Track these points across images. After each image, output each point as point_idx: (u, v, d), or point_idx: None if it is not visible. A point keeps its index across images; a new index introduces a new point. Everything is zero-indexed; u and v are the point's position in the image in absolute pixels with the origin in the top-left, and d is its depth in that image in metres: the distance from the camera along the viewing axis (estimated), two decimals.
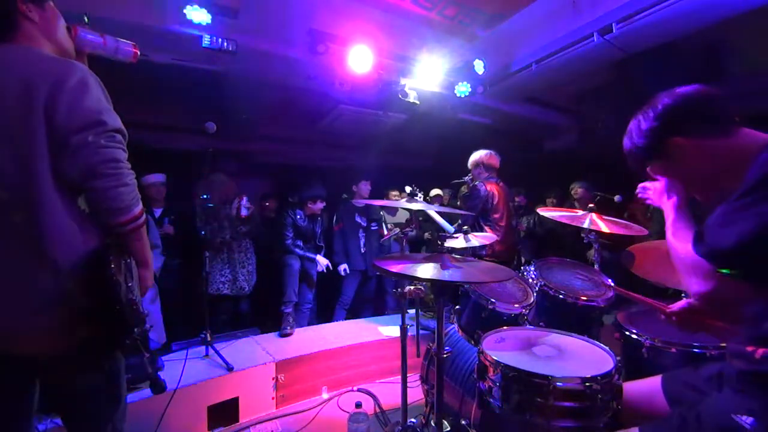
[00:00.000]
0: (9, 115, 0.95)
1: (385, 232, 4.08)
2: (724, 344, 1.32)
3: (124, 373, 1.21)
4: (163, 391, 1.21)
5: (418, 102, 3.89)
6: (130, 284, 1.07)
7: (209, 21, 2.70)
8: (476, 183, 3.25)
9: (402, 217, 3.93)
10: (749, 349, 0.87)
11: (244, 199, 3.26)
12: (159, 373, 2.24)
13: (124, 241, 1.11)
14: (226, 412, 2.36)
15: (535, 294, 1.85)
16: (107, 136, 1.02)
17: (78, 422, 1.16)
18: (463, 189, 4.14)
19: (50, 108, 0.96)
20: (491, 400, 1.29)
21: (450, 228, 2.43)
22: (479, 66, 3.63)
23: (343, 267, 3.84)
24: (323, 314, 4.07)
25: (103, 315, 1.01)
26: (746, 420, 0.81)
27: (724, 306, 0.90)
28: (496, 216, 3.18)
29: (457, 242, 2.41)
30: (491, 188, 3.19)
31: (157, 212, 3.31)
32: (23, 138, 0.96)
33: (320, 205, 3.60)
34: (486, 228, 3.14)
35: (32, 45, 1.06)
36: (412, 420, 1.89)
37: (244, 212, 3.22)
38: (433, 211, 1.94)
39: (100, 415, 1.15)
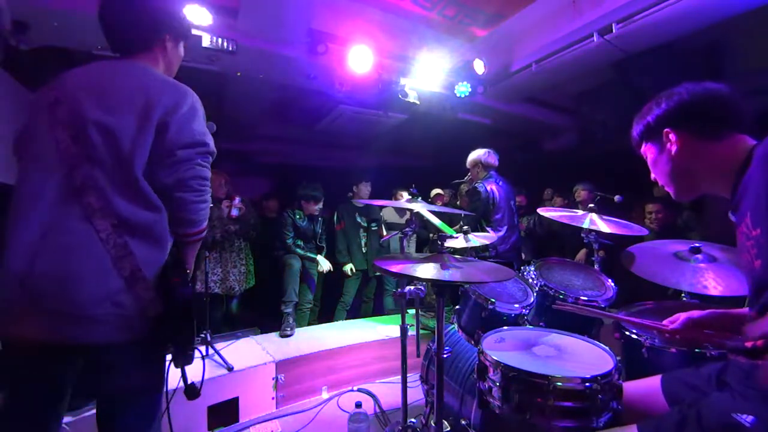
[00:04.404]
0: (134, 116, 1.06)
1: (384, 233, 4.08)
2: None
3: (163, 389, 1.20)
4: (198, 396, 1.23)
5: (418, 102, 3.88)
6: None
7: (209, 21, 2.70)
8: (476, 184, 3.22)
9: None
10: (748, 344, 0.88)
11: (237, 199, 3.26)
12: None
13: (182, 248, 1.19)
14: (226, 412, 2.36)
15: (535, 294, 1.85)
16: (204, 157, 1.15)
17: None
18: (463, 188, 4.14)
19: (163, 124, 1.07)
20: (491, 400, 1.29)
21: (451, 231, 2.42)
22: (479, 66, 3.63)
23: (349, 267, 3.85)
24: (324, 314, 4.07)
25: (175, 322, 1.08)
26: (747, 419, 0.81)
27: None
28: (498, 216, 3.15)
29: (457, 242, 2.41)
30: (491, 188, 3.17)
31: None
32: (133, 140, 1.05)
33: (315, 206, 3.60)
34: (488, 229, 3.12)
35: (150, 65, 1.20)
36: (412, 420, 1.89)
37: (234, 213, 3.21)
38: (431, 215, 1.94)
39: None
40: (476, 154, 3.31)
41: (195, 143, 1.11)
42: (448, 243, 2.32)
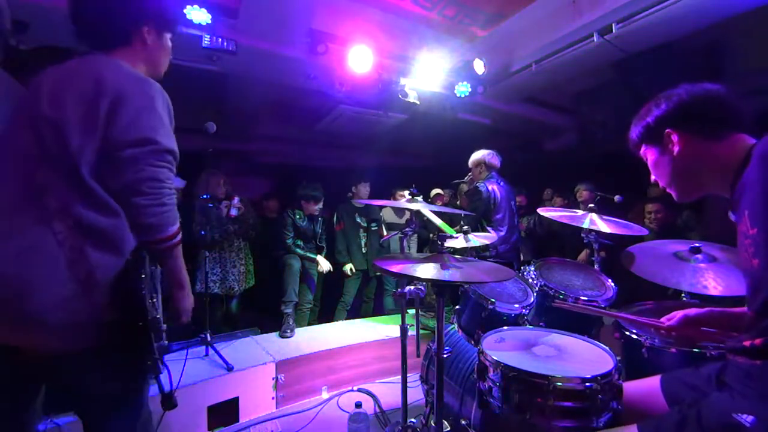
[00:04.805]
0: (80, 109, 0.99)
1: (385, 233, 4.09)
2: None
3: (146, 399, 1.17)
4: (175, 407, 1.17)
5: (418, 102, 3.89)
6: (155, 300, 1.05)
7: (209, 21, 2.70)
8: (478, 184, 3.24)
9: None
10: (746, 343, 0.89)
11: (236, 199, 3.26)
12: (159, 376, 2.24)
13: (159, 259, 1.10)
14: (226, 412, 2.36)
15: (535, 294, 1.85)
16: (157, 156, 1.03)
17: None
18: (463, 187, 4.14)
19: (111, 115, 0.98)
20: (491, 400, 1.29)
21: (451, 231, 2.42)
22: (479, 66, 3.63)
23: (349, 267, 3.85)
24: (324, 314, 4.07)
25: (128, 330, 1.01)
26: (747, 419, 0.81)
27: None
28: (499, 216, 3.17)
29: (458, 242, 2.40)
30: (492, 187, 3.18)
31: None
32: (80, 136, 0.98)
33: (315, 206, 3.61)
34: (489, 229, 3.13)
35: (125, 60, 1.10)
36: (412, 420, 1.89)
37: (233, 212, 3.22)
38: (432, 214, 1.95)
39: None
40: (480, 155, 3.32)
41: (143, 140, 1.00)
42: (448, 243, 2.32)
